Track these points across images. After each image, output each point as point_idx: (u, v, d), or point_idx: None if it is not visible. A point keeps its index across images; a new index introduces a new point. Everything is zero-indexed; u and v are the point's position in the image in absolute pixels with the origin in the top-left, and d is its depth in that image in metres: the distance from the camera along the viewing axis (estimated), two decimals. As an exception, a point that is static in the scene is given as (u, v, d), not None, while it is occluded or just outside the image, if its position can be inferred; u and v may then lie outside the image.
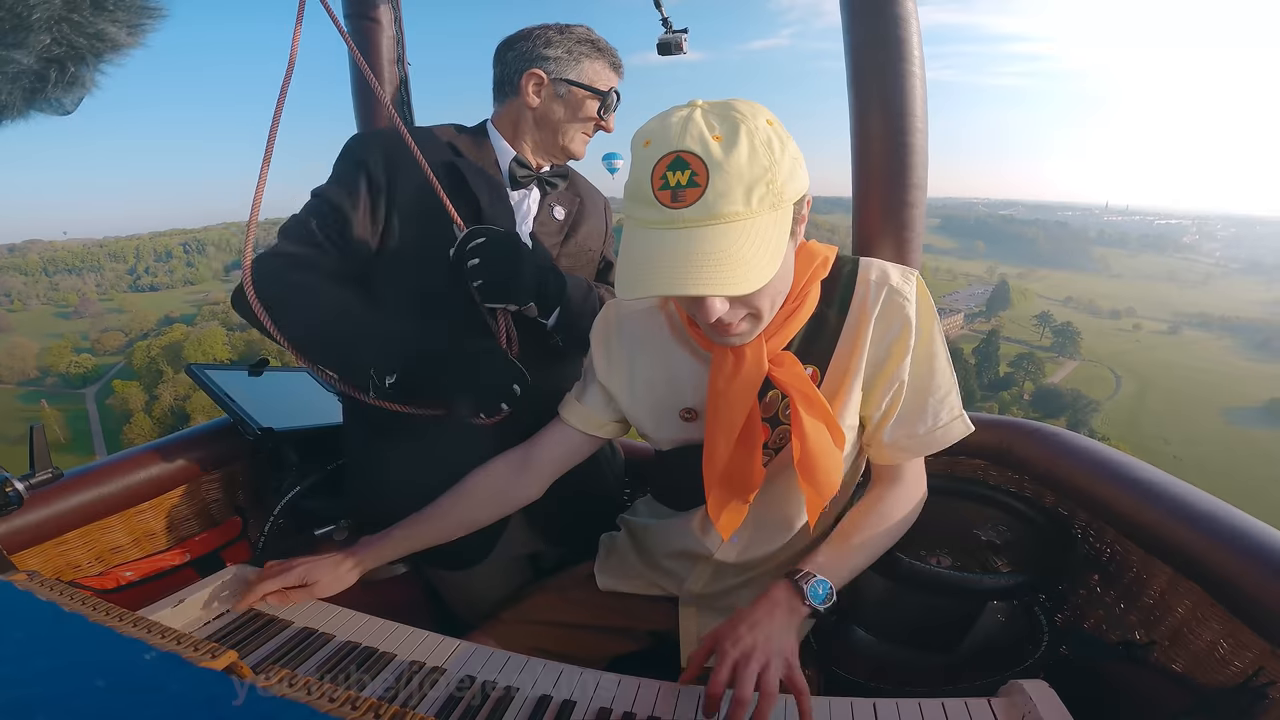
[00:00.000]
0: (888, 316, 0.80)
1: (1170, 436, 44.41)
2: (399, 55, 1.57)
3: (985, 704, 0.67)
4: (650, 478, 1.09)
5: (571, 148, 1.10)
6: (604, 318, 0.95)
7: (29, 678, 0.41)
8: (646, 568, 1.04)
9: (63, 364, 62.24)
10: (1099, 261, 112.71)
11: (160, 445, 1.18)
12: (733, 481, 0.82)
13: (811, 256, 0.80)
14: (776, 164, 0.64)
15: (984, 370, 51.52)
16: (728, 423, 0.79)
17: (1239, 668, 0.74)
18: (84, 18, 0.45)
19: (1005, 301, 78.53)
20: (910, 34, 1.13)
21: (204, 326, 62.14)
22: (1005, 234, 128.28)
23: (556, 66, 1.05)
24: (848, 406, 0.83)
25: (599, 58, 1.07)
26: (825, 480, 0.78)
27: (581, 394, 0.97)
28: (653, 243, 0.65)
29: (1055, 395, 48.43)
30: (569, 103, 1.06)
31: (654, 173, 0.64)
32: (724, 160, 0.62)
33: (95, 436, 49.46)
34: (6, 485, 0.85)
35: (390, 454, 1.09)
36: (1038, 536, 1.00)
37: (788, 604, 0.74)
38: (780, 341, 0.79)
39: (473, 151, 1.08)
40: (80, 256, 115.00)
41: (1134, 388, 54.58)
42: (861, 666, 0.95)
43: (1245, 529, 0.76)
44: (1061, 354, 61.85)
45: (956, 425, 0.85)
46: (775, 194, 0.65)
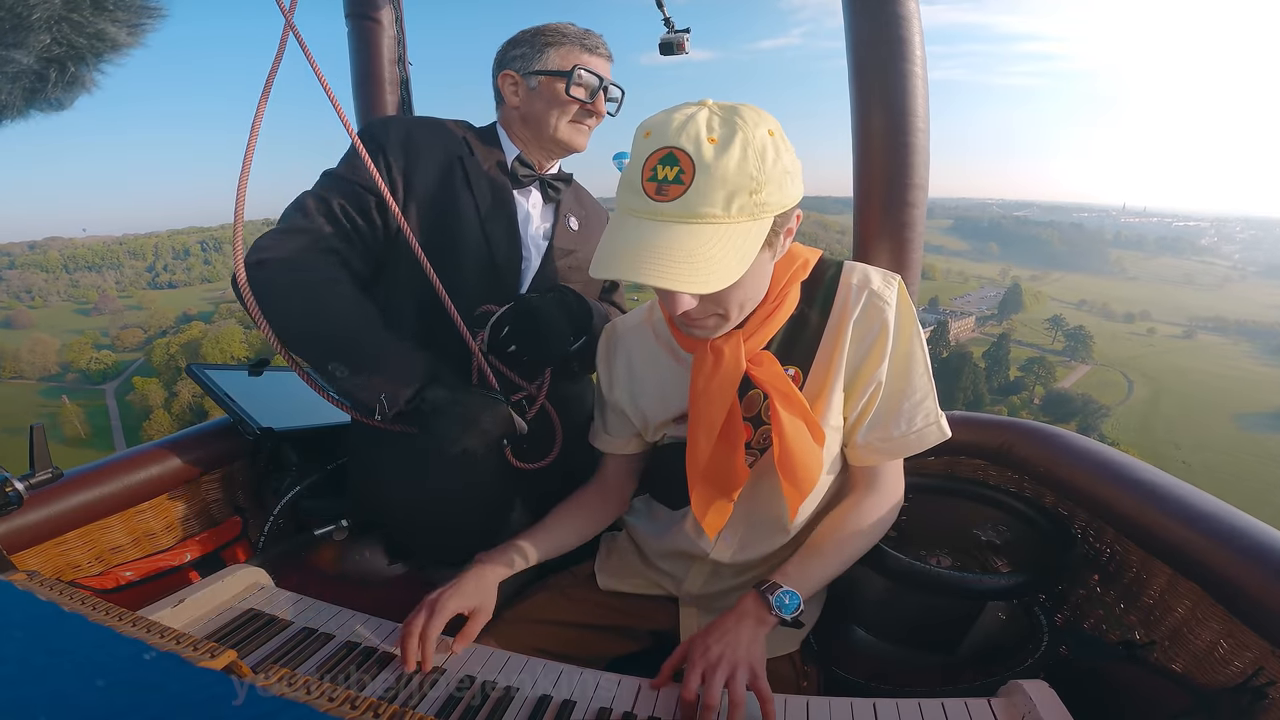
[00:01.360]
0: (867, 319, 0.82)
1: (1181, 441, 44.25)
2: (400, 55, 1.57)
3: (985, 704, 0.67)
4: (647, 477, 1.09)
5: (562, 138, 1.08)
6: (603, 340, 1.01)
7: (29, 678, 0.41)
8: (646, 567, 1.05)
9: (83, 360, 63.29)
10: (1114, 264, 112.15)
11: (160, 445, 1.18)
12: (715, 478, 0.84)
13: (792, 259, 0.82)
14: (765, 176, 0.65)
15: (994, 374, 51.35)
16: (708, 420, 0.81)
17: (1239, 668, 0.74)
18: (84, 18, 0.45)
19: (1017, 304, 78.18)
20: (912, 33, 1.13)
21: (221, 324, 62.90)
22: (1019, 236, 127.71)
23: (523, 63, 1.07)
24: (830, 407, 0.84)
25: (564, 43, 1.06)
26: (805, 477, 0.80)
27: (602, 421, 1.04)
28: (630, 230, 0.67)
29: (1065, 399, 48.27)
30: (541, 93, 1.06)
31: (646, 164, 0.66)
32: (713, 164, 0.64)
33: (115, 432, 50.00)
34: (6, 485, 0.85)
35: (393, 453, 1.09)
36: (1037, 536, 0.99)
37: (756, 614, 0.77)
38: (759, 341, 0.81)
39: (481, 150, 1.08)
40: (100, 254, 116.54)
41: (1146, 392, 54.32)
42: (861, 666, 0.95)
43: (1245, 529, 0.76)
44: (1073, 358, 61.64)
45: (931, 431, 0.86)
46: (756, 205, 0.66)
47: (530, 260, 1.10)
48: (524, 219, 1.10)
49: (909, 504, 1.17)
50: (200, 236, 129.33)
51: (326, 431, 1.30)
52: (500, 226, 1.06)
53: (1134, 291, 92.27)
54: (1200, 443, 43.91)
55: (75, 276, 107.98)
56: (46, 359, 63.69)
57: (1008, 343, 55.48)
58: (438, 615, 0.79)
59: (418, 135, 1.03)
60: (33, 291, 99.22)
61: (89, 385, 60.83)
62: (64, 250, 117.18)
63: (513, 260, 1.07)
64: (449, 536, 1.11)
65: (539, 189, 1.13)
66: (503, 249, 1.06)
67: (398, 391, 0.89)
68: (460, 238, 1.02)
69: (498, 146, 1.10)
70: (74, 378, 62.04)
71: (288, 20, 0.91)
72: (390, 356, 0.91)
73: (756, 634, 0.75)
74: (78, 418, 50.49)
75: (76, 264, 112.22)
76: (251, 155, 0.87)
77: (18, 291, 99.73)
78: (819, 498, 0.91)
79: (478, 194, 1.04)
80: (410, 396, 0.89)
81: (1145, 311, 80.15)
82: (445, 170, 1.04)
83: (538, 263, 1.10)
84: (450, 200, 1.02)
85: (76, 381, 61.53)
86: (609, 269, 0.67)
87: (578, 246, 1.15)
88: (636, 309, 1.04)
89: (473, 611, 0.84)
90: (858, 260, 1.22)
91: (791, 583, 0.79)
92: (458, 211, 1.02)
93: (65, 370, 63.18)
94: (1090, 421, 44.13)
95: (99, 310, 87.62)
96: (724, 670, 0.70)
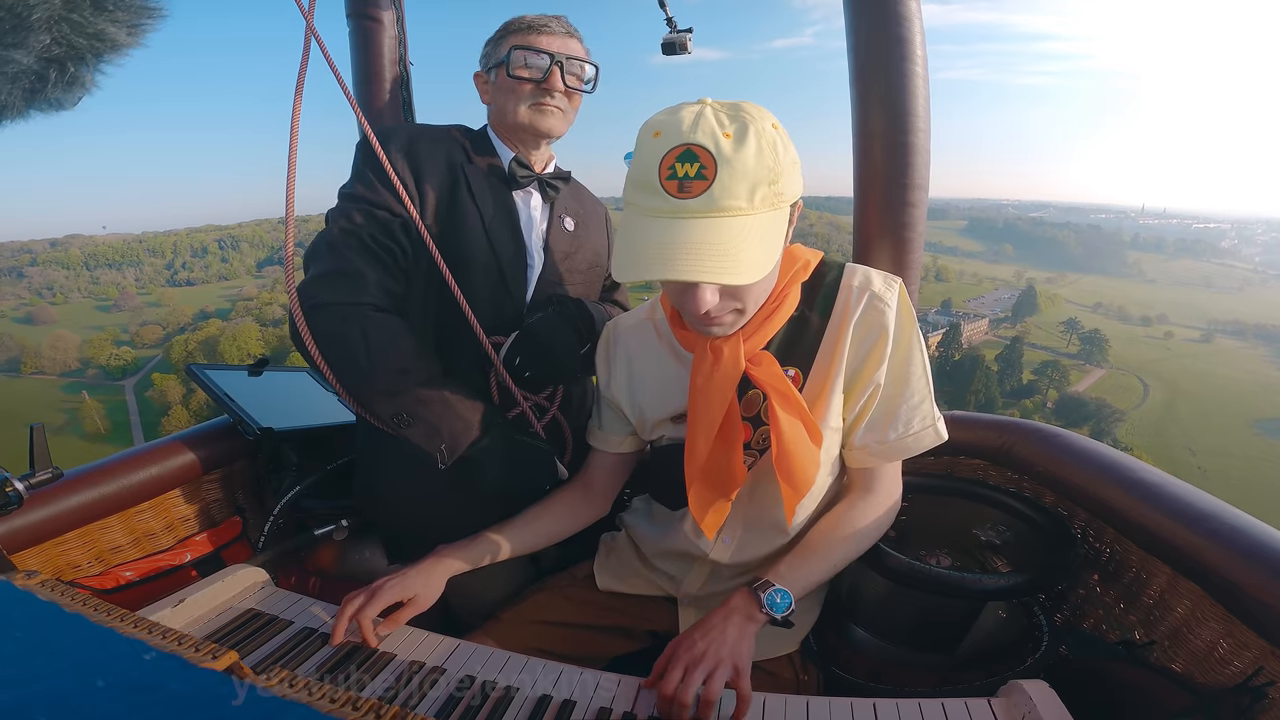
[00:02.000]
0: (867, 321, 0.82)
1: (1197, 447, 43.91)
2: (401, 55, 1.56)
3: (985, 704, 0.67)
4: (646, 477, 1.09)
5: (524, 121, 1.06)
6: (603, 339, 1.02)
7: (29, 678, 0.41)
8: (645, 568, 1.05)
9: (103, 356, 63.94)
10: (1133, 266, 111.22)
11: (160, 445, 1.18)
12: (713, 478, 0.84)
13: (793, 259, 0.83)
14: (780, 166, 0.67)
15: (1006, 377, 51.04)
16: (707, 419, 0.82)
17: (1239, 667, 0.74)
18: (84, 18, 0.45)
19: (1032, 307, 77.54)
20: (913, 33, 1.12)
21: (238, 322, 63.79)
22: (1035, 237, 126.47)
23: (486, 61, 1.10)
24: (830, 408, 0.84)
25: (515, 33, 1.06)
26: (801, 477, 0.80)
27: (599, 419, 1.04)
28: (655, 230, 0.67)
29: (1079, 403, 47.81)
30: (501, 84, 1.07)
31: (663, 163, 0.66)
32: (733, 157, 0.64)
33: (135, 428, 50.54)
34: (6, 485, 0.85)
35: (399, 451, 1.09)
36: (1037, 536, 0.99)
37: (745, 612, 0.77)
38: (759, 342, 0.81)
39: (478, 155, 1.08)
40: (120, 251, 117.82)
41: (1162, 397, 53.82)
42: (861, 666, 0.95)
43: (1245, 529, 0.76)
44: (1088, 361, 61.12)
45: (927, 434, 0.86)
46: (776, 194, 0.67)
47: (534, 264, 1.10)
48: (526, 223, 1.10)
49: (909, 504, 1.17)
50: (218, 235, 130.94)
51: (326, 431, 1.30)
52: (505, 233, 1.06)
53: (1152, 294, 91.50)
54: (1217, 448, 43.54)
55: (96, 274, 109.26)
56: (68, 355, 64.41)
57: (1021, 345, 54.94)
58: (375, 600, 0.82)
59: (420, 147, 1.03)
60: (54, 288, 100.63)
61: (109, 381, 61.49)
62: (85, 247, 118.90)
63: (518, 266, 1.07)
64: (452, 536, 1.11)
65: (538, 189, 1.12)
66: (509, 255, 1.06)
67: (457, 443, 0.94)
68: (468, 247, 1.03)
69: (492, 149, 1.10)
70: (94, 374, 62.64)
71: (308, 22, 0.93)
72: (454, 407, 0.96)
73: (744, 631, 0.75)
74: (98, 413, 51.08)
75: (97, 261, 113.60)
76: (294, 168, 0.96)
77: (39, 288, 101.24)
78: (817, 499, 0.91)
79: (480, 201, 1.04)
80: (469, 444, 0.94)
81: (1163, 315, 79.34)
82: (449, 181, 1.04)
83: (540, 267, 1.11)
84: (457, 210, 1.03)
85: (97, 377, 62.14)
86: (637, 271, 0.66)
87: (575, 248, 1.15)
88: (637, 307, 1.04)
89: (410, 600, 0.86)
90: (858, 260, 1.22)
91: (784, 582, 0.79)
92: (464, 221, 1.03)
93: (86, 366, 63.83)
94: (1104, 426, 43.76)
95: (119, 307, 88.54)
96: (705, 667, 0.70)
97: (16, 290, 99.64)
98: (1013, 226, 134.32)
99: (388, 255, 0.99)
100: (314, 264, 0.98)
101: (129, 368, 63.27)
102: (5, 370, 63.92)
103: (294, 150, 0.96)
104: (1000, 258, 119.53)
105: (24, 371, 63.12)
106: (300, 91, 0.94)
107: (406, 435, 0.96)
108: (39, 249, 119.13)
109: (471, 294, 1.00)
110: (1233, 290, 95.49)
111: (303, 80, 0.95)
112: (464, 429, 0.95)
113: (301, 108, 0.94)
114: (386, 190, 0.99)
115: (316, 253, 0.98)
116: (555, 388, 1.12)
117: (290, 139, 0.95)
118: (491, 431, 0.97)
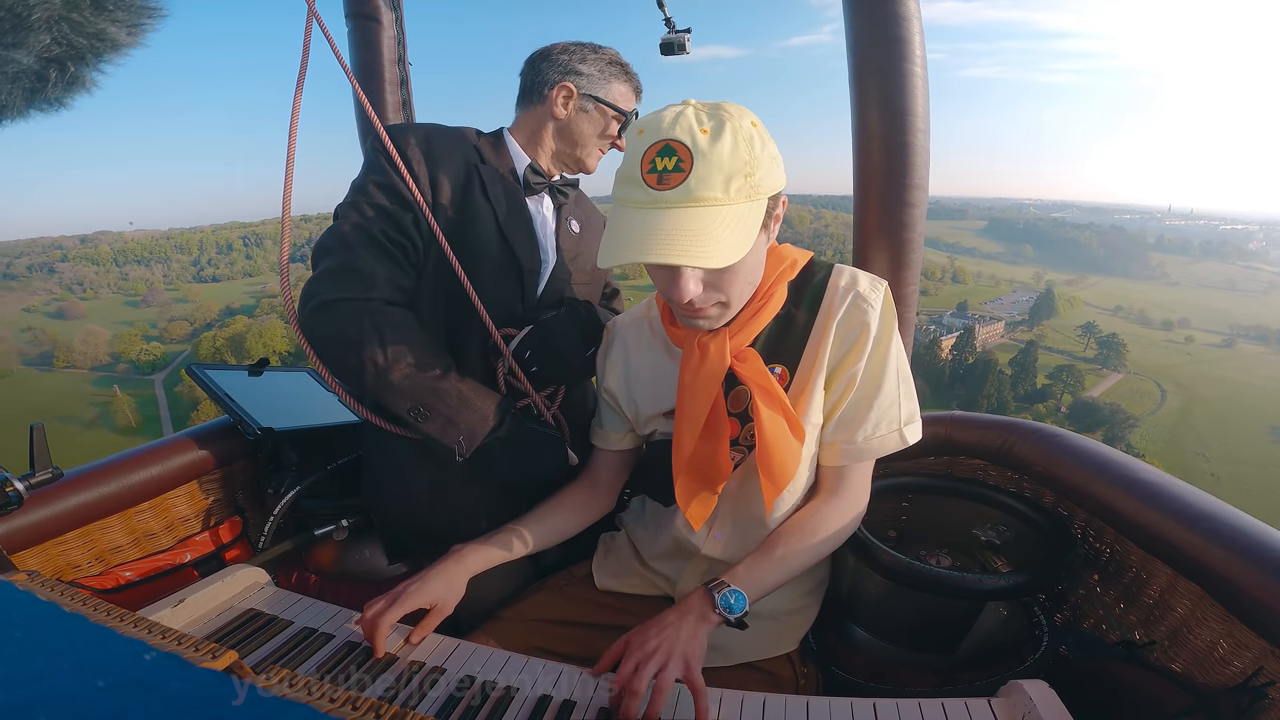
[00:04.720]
0: (850, 320, 0.84)
1: (1211, 453, 43.25)
2: (400, 55, 1.56)
3: (985, 704, 0.67)
4: (641, 474, 1.10)
5: (587, 162, 1.13)
6: (604, 337, 1.05)
7: (29, 678, 0.41)
8: (643, 568, 1.05)
9: (133, 351, 64.46)
10: (1156, 268, 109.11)
11: (160, 445, 1.18)
12: (698, 470, 0.86)
13: (780, 258, 0.84)
14: (756, 160, 0.69)
15: (1020, 381, 50.44)
16: (693, 413, 0.83)
17: (1239, 667, 0.74)
18: (84, 18, 0.45)
19: (1050, 310, 76.30)
20: (912, 33, 1.12)
21: (264, 319, 64.25)
22: (1056, 238, 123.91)
23: (588, 83, 1.08)
24: (813, 405, 0.86)
25: (626, 81, 1.11)
26: (781, 471, 0.81)
27: (600, 418, 1.06)
28: (636, 219, 0.70)
29: (1093, 409, 47.09)
30: (592, 118, 1.09)
31: (644, 158, 0.69)
32: (708, 150, 0.67)
33: (164, 422, 50.96)
34: (6, 485, 0.85)
35: (407, 447, 1.09)
36: (1037, 536, 1.00)
37: (699, 611, 0.78)
38: (745, 339, 0.83)
39: (492, 157, 1.09)
40: (148, 248, 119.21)
41: (1179, 403, 52.85)
42: (861, 666, 0.95)
43: (1245, 529, 0.76)
44: (1105, 366, 60.10)
45: (892, 438, 0.87)
46: (752, 186, 0.69)
47: (547, 263, 1.12)
48: (540, 225, 1.12)
49: (909, 504, 1.17)
50: (242, 232, 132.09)
51: (327, 431, 1.30)
52: (520, 233, 1.07)
53: (1174, 297, 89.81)
54: (1232, 455, 42.86)
55: (125, 270, 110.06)
56: (98, 350, 64.85)
57: (1036, 349, 53.94)
58: (397, 606, 0.81)
59: (435, 145, 1.03)
60: (84, 283, 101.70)
61: (139, 376, 61.94)
62: (114, 244, 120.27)
63: (533, 266, 1.09)
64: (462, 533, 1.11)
65: (550, 195, 1.14)
66: (525, 255, 1.07)
67: (475, 435, 0.95)
68: (482, 245, 1.03)
69: (507, 155, 1.11)
70: (124, 368, 63.03)
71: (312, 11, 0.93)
72: (469, 399, 0.97)
73: (697, 630, 0.76)
74: (129, 407, 51.66)
75: (126, 257, 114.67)
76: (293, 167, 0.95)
77: (70, 284, 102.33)
78: (799, 495, 0.92)
79: (495, 202, 1.05)
80: (486, 435, 0.96)
81: (1184, 319, 77.72)
82: (464, 179, 1.04)
83: (552, 266, 1.12)
84: (470, 209, 1.03)
85: (127, 372, 62.52)
86: (616, 256, 0.69)
87: (579, 250, 1.18)
88: (635, 305, 1.05)
89: (434, 606, 0.85)
90: (857, 261, 1.22)
91: (740, 583, 0.80)
92: (478, 220, 1.03)
93: (116, 361, 64.24)
94: (1117, 431, 43.03)
95: (147, 303, 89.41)
96: (657, 661, 0.71)
97: (48, 285, 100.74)
98: (1033, 227, 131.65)
99: (399, 250, 0.99)
100: (323, 259, 0.97)
101: (158, 362, 63.64)
102: (38, 364, 64.38)
103: (293, 149, 0.97)
104: (1019, 259, 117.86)
105: (56, 365, 63.47)
106: (300, 90, 0.94)
107: (424, 429, 0.96)
108: (69, 245, 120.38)
109: (481, 289, 1.01)
110: (1257, 294, 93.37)
111: (303, 79, 0.95)
112: (480, 420, 0.96)
113: (301, 105, 0.95)
114: (400, 183, 0.98)
115: (326, 248, 0.98)
116: (557, 388, 1.12)
117: (290, 138, 0.96)
118: (506, 421, 0.99)
